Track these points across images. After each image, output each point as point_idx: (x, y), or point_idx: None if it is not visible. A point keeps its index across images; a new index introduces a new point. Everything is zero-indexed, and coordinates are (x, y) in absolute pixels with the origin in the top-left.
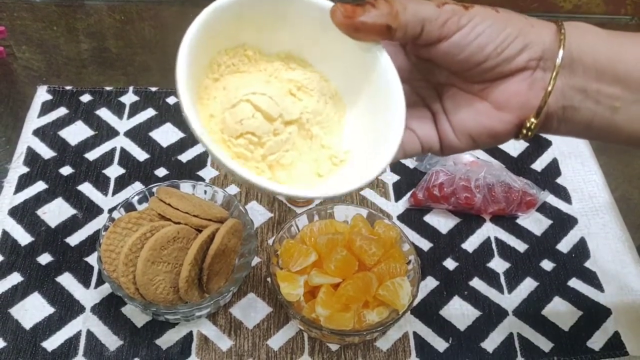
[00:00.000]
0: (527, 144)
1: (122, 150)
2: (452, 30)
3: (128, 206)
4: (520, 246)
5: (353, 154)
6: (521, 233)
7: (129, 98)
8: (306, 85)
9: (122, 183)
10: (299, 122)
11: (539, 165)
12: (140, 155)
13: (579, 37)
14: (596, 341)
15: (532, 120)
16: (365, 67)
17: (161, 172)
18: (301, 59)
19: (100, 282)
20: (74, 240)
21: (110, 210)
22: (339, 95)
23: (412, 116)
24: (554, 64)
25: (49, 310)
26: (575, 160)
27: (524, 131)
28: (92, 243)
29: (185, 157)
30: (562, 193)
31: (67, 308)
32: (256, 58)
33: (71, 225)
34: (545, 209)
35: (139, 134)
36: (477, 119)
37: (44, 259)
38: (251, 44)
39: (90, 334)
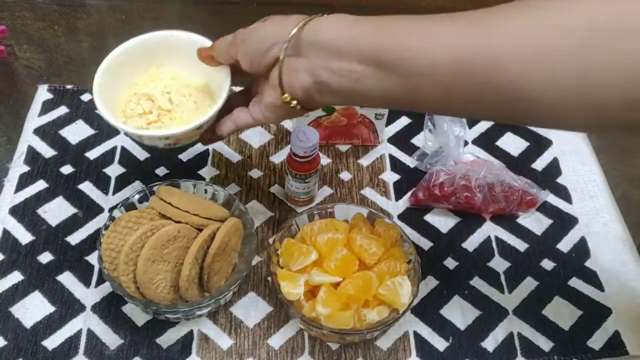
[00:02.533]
0: (527, 144)
1: (123, 149)
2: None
3: (128, 205)
4: (521, 245)
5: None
6: (521, 232)
7: None
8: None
9: (122, 182)
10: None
11: (539, 164)
12: (141, 154)
13: (323, 26)
14: (596, 340)
15: (286, 96)
16: (214, 75)
17: (162, 171)
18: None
19: (100, 281)
20: (74, 239)
21: (111, 209)
22: (208, 86)
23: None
24: (299, 51)
25: (49, 309)
26: (575, 159)
27: (291, 104)
28: (92, 242)
29: (185, 156)
30: (563, 192)
31: (67, 307)
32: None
33: (72, 224)
34: (546, 209)
35: None
36: (266, 99)
37: (45, 257)
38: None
39: (90, 332)
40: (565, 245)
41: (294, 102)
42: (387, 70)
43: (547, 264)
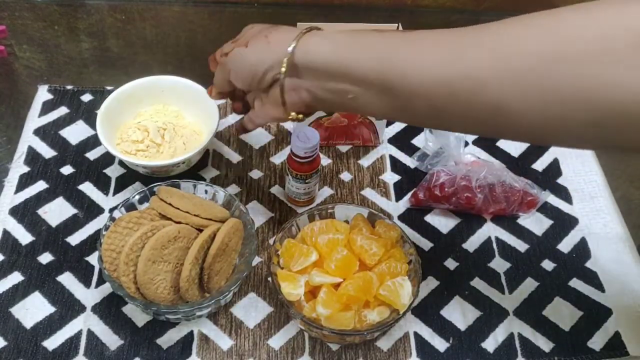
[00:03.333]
0: (528, 145)
1: None
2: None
3: (129, 206)
4: (521, 246)
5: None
6: (522, 233)
7: None
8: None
9: (122, 183)
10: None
11: (539, 165)
12: None
13: (312, 49)
14: (597, 341)
15: (293, 114)
16: (206, 124)
17: None
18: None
19: (101, 281)
20: (74, 239)
21: (111, 210)
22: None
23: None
24: (295, 73)
25: (49, 309)
26: (576, 160)
27: (297, 118)
28: (92, 242)
29: None
30: (563, 193)
31: (67, 307)
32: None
33: (72, 225)
34: (546, 209)
35: None
36: (267, 113)
37: (45, 258)
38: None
39: (90, 333)
40: (565, 245)
41: (300, 116)
42: (378, 91)
43: (548, 265)
